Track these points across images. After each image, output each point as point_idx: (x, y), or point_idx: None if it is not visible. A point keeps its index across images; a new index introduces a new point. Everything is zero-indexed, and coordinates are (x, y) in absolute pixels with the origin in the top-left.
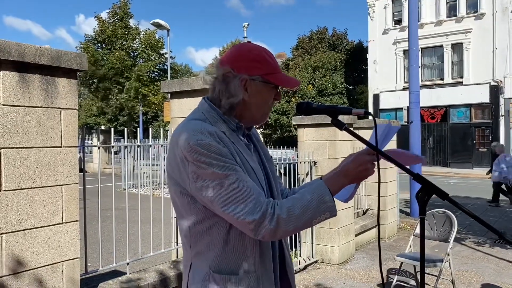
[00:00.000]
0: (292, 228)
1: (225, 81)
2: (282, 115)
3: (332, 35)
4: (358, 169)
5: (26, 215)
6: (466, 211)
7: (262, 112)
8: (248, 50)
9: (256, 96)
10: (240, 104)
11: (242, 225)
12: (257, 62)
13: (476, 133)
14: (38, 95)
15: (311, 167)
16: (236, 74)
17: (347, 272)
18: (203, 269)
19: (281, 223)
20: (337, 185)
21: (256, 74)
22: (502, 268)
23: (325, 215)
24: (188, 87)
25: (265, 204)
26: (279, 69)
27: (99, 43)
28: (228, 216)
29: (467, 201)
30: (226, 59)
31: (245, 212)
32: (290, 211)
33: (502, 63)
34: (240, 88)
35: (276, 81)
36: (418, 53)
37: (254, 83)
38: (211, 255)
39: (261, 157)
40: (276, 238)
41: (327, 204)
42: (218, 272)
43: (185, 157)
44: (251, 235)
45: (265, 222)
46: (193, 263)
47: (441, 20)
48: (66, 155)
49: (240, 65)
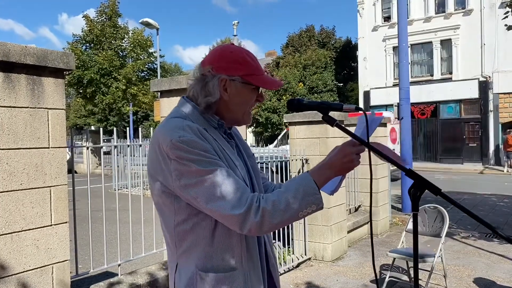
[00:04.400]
0: (277, 221)
1: (204, 81)
2: (273, 113)
3: (320, 33)
4: (342, 160)
5: (14, 218)
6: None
7: (243, 112)
8: (230, 51)
9: (236, 96)
10: (218, 103)
11: (227, 219)
12: (237, 63)
13: (466, 129)
14: (24, 95)
15: (303, 164)
16: (215, 74)
17: (340, 269)
18: (189, 268)
19: (266, 216)
20: (323, 177)
21: (236, 75)
22: (493, 262)
23: (312, 207)
24: (177, 85)
25: (250, 198)
26: (260, 70)
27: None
28: (213, 212)
29: (458, 196)
30: (208, 59)
31: (230, 206)
32: (275, 204)
33: (491, 58)
34: (219, 88)
35: (256, 82)
36: (407, 50)
37: (234, 84)
38: (197, 254)
39: (242, 154)
40: (263, 231)
41: (313, 196)
42: (205, 270)
43: (167, 154)
44: (237, 229)
45: (251, 215)
46: (179, 262)
47: (430, 17)
48: (54, 156)
49: (221, 65)
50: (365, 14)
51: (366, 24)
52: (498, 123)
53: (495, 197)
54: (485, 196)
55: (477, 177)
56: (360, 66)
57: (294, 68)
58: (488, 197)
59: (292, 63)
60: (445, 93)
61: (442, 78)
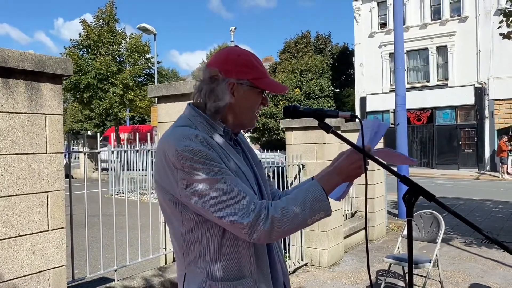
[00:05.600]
0: (287, 228)
1: (212, 84)
2: (270, 119)
3: (317, 39)
4: (351, 166)
5: (11, 223)
6: (453, 212)
7: (249, 116)
8: (237, 54)
9: (243, 100)
10: (226, 108)
11: (236, 228)
12: (245, 67)
13: (462, 134)
14: (22, 101)
15: (299, 170)
16: (224, 77)
17: (337, 275)
18: (198, 277)
19: (276, 223)
20: (331, 183)
21: (244, 79)
22: (489, 268)
23: (320, 214)
24: (175, 91)
25: (258, 206)
26: (266, 74)
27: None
28: (221, 220)
29: (454, 202)
30: (214, 62)
31: (238, 215)
32: (284, 211)
33: (486, 65)
34: (227, 91)
35: (263, 86)
36: (403, 56)
37: (242, 88)
38: (206, 263)
39: (250, 162)
40: (272, 239)
41: (322, 203)
42: (213, 279)
43: (173, 164)
44: (246, 238)
45: (260, 223)
46: (188, 272)
47: (426, 23)
48: (52, 162)
49: (229, 68)
50: (362, 21)
51: (362, 30)
52: (493, 129)
53: (490, 203)
54: (481, 202)
55: (473, 183)
56: (356, 72)
57: (291, 74)
58: (484, 203)
59: (289, 68)
60: (441, 99)
61: (438, 84)
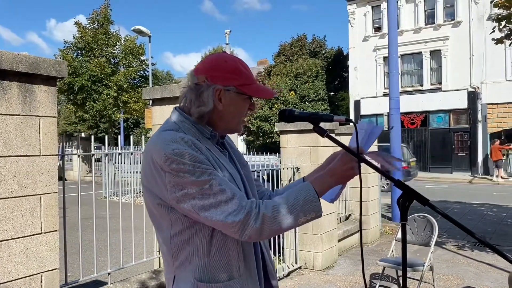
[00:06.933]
0: (277, 227)
1: (198, 90)
2: (264, 122)
3: (312, 42)
4: (343, 168)
5: (3, 226)
6: (446, 216)
7: (236, 121)
8: (224, 60)
9: (230, 106)
10: (211, 113)
11: (227, 227)
12: (232, 73)
13: (455, 138)
14: (15, 103)
15: (294, 173)
16: (210, 84)
17: (331, 278)
18: (187, 279)
19: (266, 221)
20: (324, 185)
21: (230, 85)
22: (482, 271)
23: (311, 214)
24: (169, 94)
25: (249, 204)
26: (253, 80)
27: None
28: (212, 221)
29: (448, 205)
30: (202, 68)
31: (230, 213)
32: (275, 210)
33: (479, 69)
34: (213, 98)
35: (250, 92)
36: (397, 60)
37: (229, 94)
38: (195, 265)
39: (235, 163)
40: (262, 237)
41: (313, 204)
42: (203, 281)
43: (161, 167)
44: (237, 236)
45: (251, 221)
46: (177, 274)
47: (420, 28)
48: (45, 164)
49: (215, 75)
50: (356, 25)
51: (357, 34)
52: (486, 133)
53: (483, 206)
54: (474, 206)
55: (466, 186)
56: (351, 76)
57: (286, 77)
58: (477, 206)
59: (283, 72)
60: (435, 103)
61: (431, 88)
